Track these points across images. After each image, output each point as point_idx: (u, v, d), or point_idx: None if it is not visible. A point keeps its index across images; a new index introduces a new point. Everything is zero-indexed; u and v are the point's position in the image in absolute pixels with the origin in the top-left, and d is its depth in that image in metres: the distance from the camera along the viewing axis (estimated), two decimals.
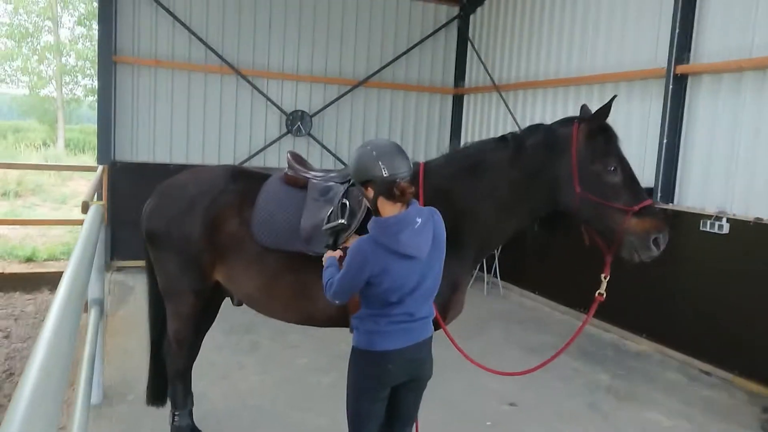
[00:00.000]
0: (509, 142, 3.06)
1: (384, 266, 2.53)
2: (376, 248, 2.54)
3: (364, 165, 2.58)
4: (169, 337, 3.61)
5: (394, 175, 2.52)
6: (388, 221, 2.54)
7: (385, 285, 2.56)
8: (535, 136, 3.01)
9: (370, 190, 2.60)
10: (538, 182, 2.98)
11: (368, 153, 2.58)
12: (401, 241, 2.49)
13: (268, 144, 9.13)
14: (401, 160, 2.58)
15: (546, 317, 7.28)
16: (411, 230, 2.51)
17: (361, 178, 2.61)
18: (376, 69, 9.54)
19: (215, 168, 3.63)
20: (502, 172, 3.03)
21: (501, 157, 3.05)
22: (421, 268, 2.59)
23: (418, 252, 2.54)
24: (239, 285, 3.32)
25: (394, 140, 2.72)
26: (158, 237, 3.42)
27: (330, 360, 5.46)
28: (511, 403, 4.75)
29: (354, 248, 2.60)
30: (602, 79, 7.17)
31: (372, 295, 2.64)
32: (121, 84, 8.40)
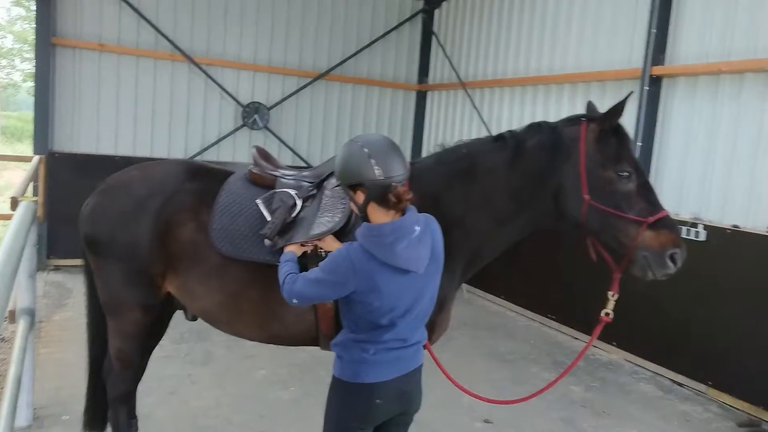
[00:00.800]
0: (507, 142, 2.71)
1: (374, 282, 2.17)
2: (366, 260, 2.17)
3: (354, 165, 2.20)
4: (110, 357, 3.13)
5: (390, 178, 2.16)
6: (383, 229, 2.17)
7: (375, 305, 2.19)
8: (536, 137, 2.67)
9: (359, 195, 2.22)
10: (540, 189, 2.65)
11: (359, 151, 2.20)
12: (398, 253, 2.13)
13: (222, 137, 8.61)
14: (397, 160, 2.21)
15: (512, 323, 7.05)
16: (409, 240, 2.15)
17: (350, 180, 2.23)
18: (337, 61, 9.13)
19: (168, 163, 3.16)
20: (498, 176, 2.69)
21: (498, 159, 2.70)
22: (418, 285, 2.24)
23: (417, 266, 2.19)
24: (195, 299, 2.88)
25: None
26: (99, 243, 2.94)
27: (290, 371, 5.07)
28: (486, 420, 4.46)
29: (339, 255, 2.22)
30: (573, 78, 6.97)
31: (359, 317, 2.26)
32: (62, 69, 7.73)
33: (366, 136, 2.31)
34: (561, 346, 6.30)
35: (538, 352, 6.09)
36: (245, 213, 2.78)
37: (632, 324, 5.81)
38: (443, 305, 2.76)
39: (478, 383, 5.04)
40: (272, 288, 2.72)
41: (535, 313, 7.19)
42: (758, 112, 5.17)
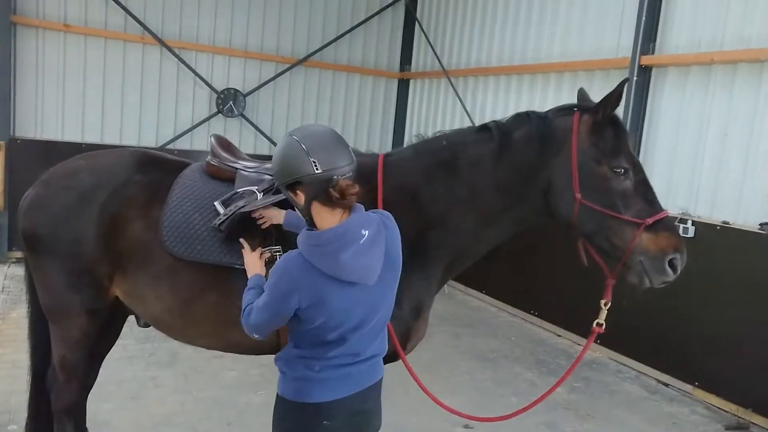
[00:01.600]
0: (492, 132, 2.44)
1: (318, 296, 1.89)
2: (307, 270, 1.89)
3: (289, 161, 1.90)
4: (53, 366, 2.84)
5: (331, 170, 1.86)
6: (322, 237, 1.88)
7: (319, 321, 1.93)
8: (524, 128, 2.41)
9: (300, 195, 1.93)
10: (529, 185, 2.40)
11: (294, 145, 1.90)
12: (342, 264, 1.85)
13: (195, 124, 8.27)
14: (340, 151, 1.91)
15: (494, 319, 6.85)
16: (356, 248, 1.86)
17: (287, 177, 1.92)
18: (317, 47, 8.82)
19: (117, 152, 2.86)
20: (483, 170, 2.42)
21: (482, 151, 2.43)
22: (370, 296, 1.96)
23: (366, 277, 1.90)
24: (145, 305, 2.61)
25: (331, 126, 1.97)
26: (39, 239, 2.64)
27: (261, 372, 4.81)
28: (466, 426, 4.24)
29: (279, 269, 1.94)
30: (560, 68, 6.74)
31: (302, 332, 2.00)
32: (23, 50, 7.33)
33: (304, 127, 2.00)
34: (544, 344, 6.11)
35: (521, 350, 5.89)
36: (201, 210, 2.50)
37: (617, 321, 5.58)
38: (420, 312, 2.52)
39: (458, 385, 4.86)
40: (233, 292, 2.46)
41: (517, 308, 7.00)
42: (751, 104, 4.98)
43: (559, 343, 6.15)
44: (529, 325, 6.67)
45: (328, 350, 1.99)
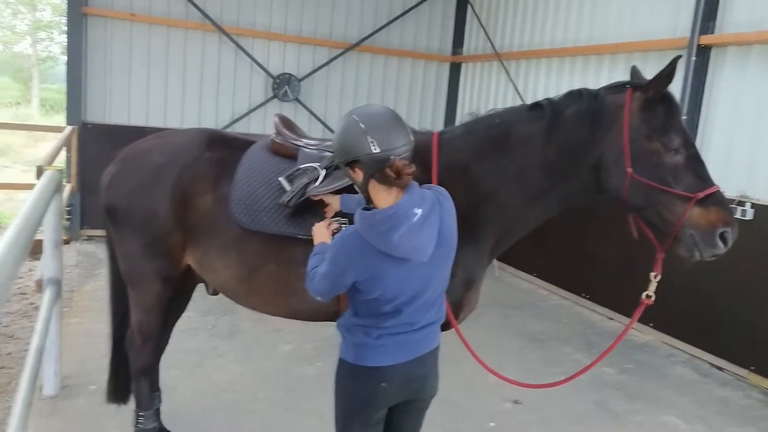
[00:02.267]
0: (544, 110, 2.52)
1: (373, 271, 2.01)
2: (363, 247, 2.00)
3: (349, 140, 2.00)
4: (131, 329, 3.10)
5: (388, 151, 1.95)
6: (374, 217, 1.97)
7: (376, 294, 2.05)
8: (576, 105, 2.47)
9: (358, 173, 2.03)
10: (579, 161, 2.46)
11: (353, 124, 2.00)
12: (394, 243, 1.95)
13: (252, 108, 8.53)
14: (397, 131, 1.99)
15: (543, 302, 6.87)
16: (407, 227, 1.95)
17: (346, 156, 2.02)
18: (369, 32, 8.92)
19: (188, 132, 3.07)
20: (534, 147, 2.50)
21: (533, 128, 2.52)
22: (424, 272, 2.07)
23: (418, 254, 2.00)
24: (213, 272, 2.81)
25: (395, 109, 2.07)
26: (118, 213, 2.88)
27: (316, 346, 5.02)
28: (515, 401, 4.34)
29: (338, 242, 2.08)
30: (614, 49, 6.65)
31: (360, 302, 2.13)
32: (93, 39, 7.71)
33: (363, 107, 2.09)
34: (594, 327, 6.12)
35: (570, 332, 5.92)
36: (266, 184, 2.68)
37: (670, 305, 5.57)
38: (471, 284, 2.63)
39: (507, 363, 4.94)
40: (292, 262, 2.63)
41: (567, 291, 7.00)
42: None
43: (611, 326, 6.15)
44: (580, 308, 6.67)
45: (384, 320, 2.12)
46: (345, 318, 2.25)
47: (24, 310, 5.69)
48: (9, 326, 5.29)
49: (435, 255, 2.06)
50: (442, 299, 2.24)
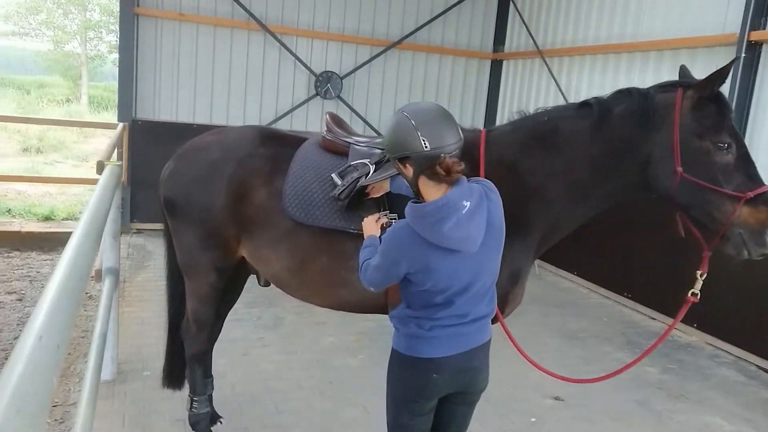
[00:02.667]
0: (593, 108, 2.55)
1: (424, 262, 2.08)
2: (413, 239, 2.07)
3: (399, 136, 2.07)
4: (187, 317, 3.24)
5: (438, 148, 2.01)
6: (425, 209, 2.04)
7: (428, 285, 2.12)
8: (625, 103, 2.50)
9: (408, 168, 2.10)
10: (627, 159, 2.49)
11: (405, 121, 2.06)
12: (445, 234, 2.01)
13: (295, 106, 8.69)
14: (448, 129, 2.05)
15: (584, 300, 6.84)
16: (457, 218, 2.01)
17: (397, 152, 2.10)
18: (411, 30, 8.98)
19: (242, 129, 3.19)
20: (581, 145, 2.54)
21: (582, 126, 2.55)
22: (474, 263, 2.12)
23: (467, 245, 2.05)
24: (266, 264, 2.92)
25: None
26: (176, 206, 3.02)
27: (357, 338, 5.13)
28: (556, 397, 4.37)
29: (389, 235, 2.15)
30: (660, 45, 6.56)
31: (412, 294, 2.20)
32: (144, 38, 7.97)
33: (414, 104, 2.16)
34: (636, 326, 6.07)
35: (612, 331, 5.89)
36: (318, 179, 2.77)
37: (715, 305, 5.51)
38: (518, 278, 2.68)
39: (547, 361, 4.92)
40: (344, 255, 2.73)
41: (608, 290, 6.95)
42: None
43: (653, 326, 6.09)
44: (621, 308, 6.62)
45: (437, 311, 2.18)
46: (398, 310, 2.32)
47: None
48: None
49: (484, 246, 2.12)
50: (493, 292, 2.29)
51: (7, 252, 7.19)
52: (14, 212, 8.51)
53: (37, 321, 1.34)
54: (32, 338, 1.25)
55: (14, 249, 7.33)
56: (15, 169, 12.07)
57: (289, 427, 3.68)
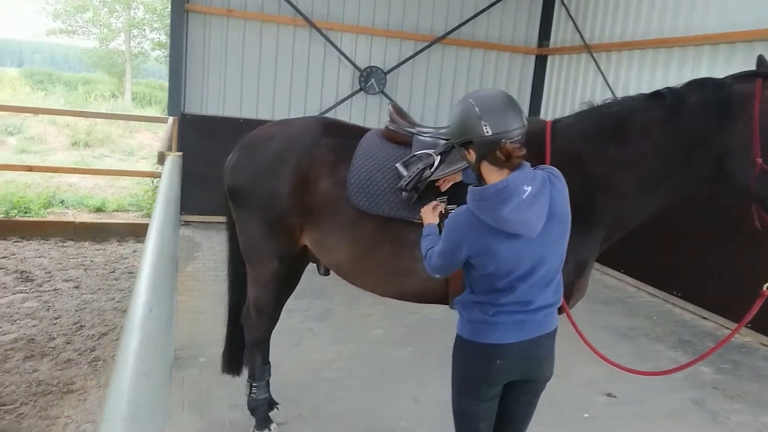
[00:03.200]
0: (666, 98, 2.50)
1: (485, 245, 2.10)
2: (474, 222, 2.11)
3: (463, 122, 2.13)
4: (248, 304, 3.31)
5: (500, 134, 2.04)
6: (485, 191, 2.07)
7: (490, 268, 2.14)
8: (700, 94, 2.44)
9: (471, 153, 2.14)
10: (702, 151, 2.43)
11: (469, 107, 2.11)
12: (503, 217, 2.03)
13: (339, 101, 8.74)
14: (511, 115, 2.08)
15: (632, 299, 6.74)
16: (517, 202, 2.03)
17: (460, 137, 2.15)
18: (455, 25, 8.95)
19: (305, 119, 3.24)
20: (654, 136, 2.49)
21: (654, 117, 2.50)
22: (537, 249, 2.13)
23: (527, 229, 2.07)
24: (329, 253, 2.97)
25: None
26: (241, 194, 3.08)
27: (405, 332, 5.15)
28: (608, 394, 4.32)
29: (450, 221, 2.19)
30: (715, 39, 6.41)
31: (475, 279, 2.22)
32: (193, 34, 8.13)
33: (480, 91, 2.20)
34: (687, 325, 5.96)
35: (662, 329, 5.79)
36: (382, 169, 2.80)
37: None
38: (583, 270, 2.67)
39: (597, 357, 4.90)
40: (407, 244, 2.75)
41: (657, 288, 6.83)
42: None
43: (704, 326, 5.97)
44: (670, 306, 6.50)
45: (499, 297, 2.19)
46: (462, 295, 2.34)
47: (133, 287, 6.11)
48: (121, 302, 5.71)
49: (548, 233, 2.13)
50: (559, 281, 2.29)
51: (62, 241, 7.43)
52: (67, 203, 8.77)
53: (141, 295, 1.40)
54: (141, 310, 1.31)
55: (68, 239, 7.56)
56: (66, 162, 12.44)
57: (342, 416, 3.73)
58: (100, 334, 4.94)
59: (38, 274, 6.22)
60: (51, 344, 4.68)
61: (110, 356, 4.59)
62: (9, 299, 5.50)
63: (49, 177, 10.46)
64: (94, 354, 4.59)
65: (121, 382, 1.01)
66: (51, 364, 4.37)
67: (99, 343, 4.79)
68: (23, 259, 6.65)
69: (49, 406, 3.85)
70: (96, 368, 4.38)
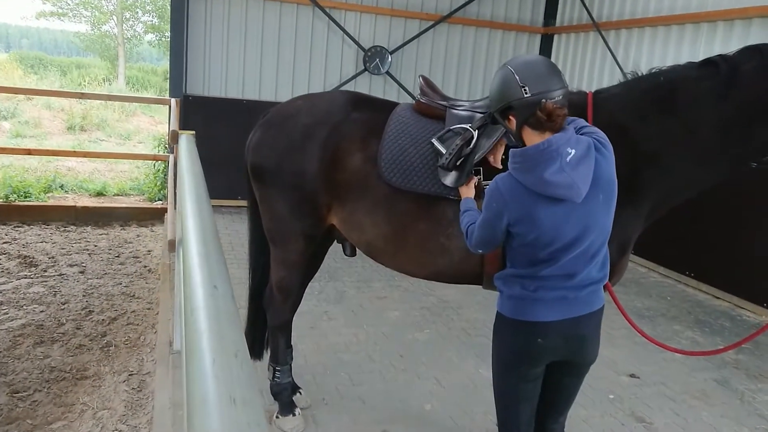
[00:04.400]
0: (719, 67, 2.38)
1: (526, 211, 2.01)
2: (514, 188, 2.03)
3: (502, 88, 2.08)
4: (271, 286, 3.20)
5: (539, 94, 1.99)
6: (526, 152, 2.00)
7: (531, 237, 2.04)
8: (756, 60, 2.32)
9: (512, 120, 2.09)
10: (756, 122, 2.32)
11: (507, 74, 2.07)
12: (545, 179, 1.95)
13: (344, 81, 8.59)
14: (550, 77, 2.03)
15: (644, 279, 6.67)
16: (560, 164, 1.94)
17: (499, 103, 2.10)
18: (461, 4, 8.79)
19: (333, 93, 3.12)
20: (707, 106, 2.37)
21: (707, 86, 2.37)
22: (581, 217, 2.02)
23: (571, 193, 1.96)
24: (360, 231, 2.85)
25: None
26: (266, 173, 2.96)
27: (421, 314, 5.08)
28: (632, 375, 4.26)
29: (490, 189, 2.10)
30: (731, 15, 6.29)
31: (516, 249, 2.13)
32: (194, 13, 7.93)
33: (517, 57, 2.14)
34: (702, 305, 5.90)
35: (678, 310, 5.74)
36: (416, 144, 2.68)
37: None
38: (626, 248, 2.58)
39: (619, 338, 4.85)
40: (442, 222, 2.65)
41: (669, 269, 6.77)
42: None
43: (718, 305, 5.92)
44: (683, 286, 6.45)
45: (541, 269, 2.10)
46: (502, 272, 2.25)
47: (140, 272, 6.00)
48: (128, 286, 5.60)
49: (593, 200, 2.03)
50: (605, 255, 2.19)
51: (64, 226, 7.30)
52: (67, 188, 8.61)
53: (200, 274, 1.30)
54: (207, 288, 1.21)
55: (70, 223, 7.43)
56: (63, 146, 12.23)
57: (366, 399, 3.65)
58: (110, 319, 4.84)
59: (42, 259, 6.09)
60: (60, 330, 4.57)
61: (122, 341, 4.50)
62: (14, 284, 5.38)
63: (47, 161, 10.28)
64: (105, 339, 4.49)
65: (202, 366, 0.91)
66: (62, 350, 4.27)
67: (109, 328, 4.69)
68: (25, 244, 6.52)
69: (64, 393, 3.76)
70: (109, 354, 4.29)
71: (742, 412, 3.91)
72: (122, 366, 4.12)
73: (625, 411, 3.79)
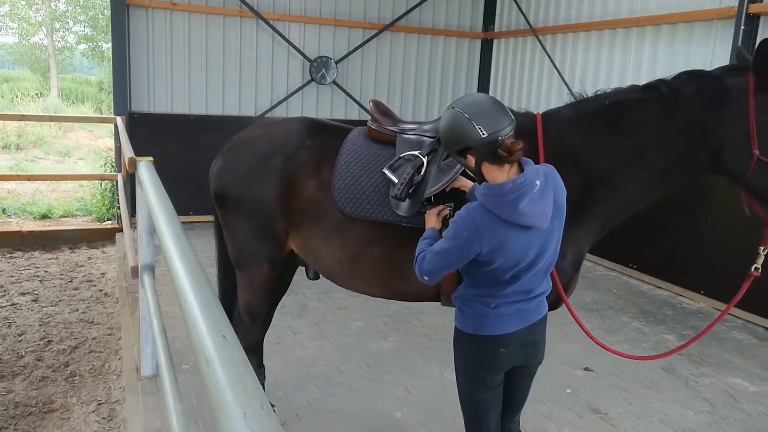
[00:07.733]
0: (661, 91, 2.55)
1: (498, 240, 2.14)
2: (488, 219, 2.14)
3: (456, 130, 2.16)
4: (239, 310, 3.27)
5: (495, 132, 2.10)
6: (503, 187, 2.12)
7: (497, 263, 2.19)
8: (695, 86, 2.50)
9: (470, 159, 2.20)
10: (696, 144, 2.50)
11: (458, 115, 2.15)
12: (521, 211, 2.10)
13: (291, 93, 8.64)
14: (499, 114, 2.14)
15: (591, 273, 7.00)
16: (531, 196, 2.10)
17: (457, 146, 2.19)
18: (402, 12, 8.97)
19: (289, 121, 3.19)
20: (650, 129, 2.55)
21: (651, 110, 2.55)
22: (541, 239, 2.21)
23: (541, 221, 2.15)
24: (317, 257, 2.95)
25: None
26: (228, 199, 3.03)
27: (384, 322, 5.21)
28: (586, 368, 4.51)
29: (461, 219, 2.19)
30: (657, 20, 6.68)
31: (479, 274, 2.27)
32: (135, 29, 7.82)
33: (463, 98, 2.24)
34: (646, 296, 6.26)
35: (624, 301, 6.07)
36: (367, 172, 2.79)
37: (719, 272, 5.71)
38: (579, 264, 2.77)
39: (571, 333, 5.08)
40: (396, 247, 2.76)
41: (613, 262, 7.13)
42: None
43: (661, 295, 6.28)
44: (627, 278, 6.81)
45: (503, 288, 2.26)
46: (461, 291, 2.39)
47: (96, 296, 5.91)
48: (86, 312, 5.52)
49: (550, 224, 2.21)
50: (550, 269, 2.38)
51: (9, 252, 7.09)
52: (9, 212, 8.35)
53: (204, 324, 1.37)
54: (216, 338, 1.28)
55: (16, 249, 7.22)
56: (0, 167, 11.78)
57: (338, 411, 3.75)
58: (70, 348, 4.77)
59: None
60: (20, 363, 4.49)
61: (87, 370, 4.45)
62: None
63: None
64: (68, 369, 4.44)
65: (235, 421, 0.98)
66: (25, 383, 4.20)
67: (72, 357, 4.63)
68: None
69: (32, 428, 3.72)
70: (74, 384, 4.24)
71: (688, 396, 4.21)
72: (90, 396, 4.09)
73: (582, 404, 4.02)
